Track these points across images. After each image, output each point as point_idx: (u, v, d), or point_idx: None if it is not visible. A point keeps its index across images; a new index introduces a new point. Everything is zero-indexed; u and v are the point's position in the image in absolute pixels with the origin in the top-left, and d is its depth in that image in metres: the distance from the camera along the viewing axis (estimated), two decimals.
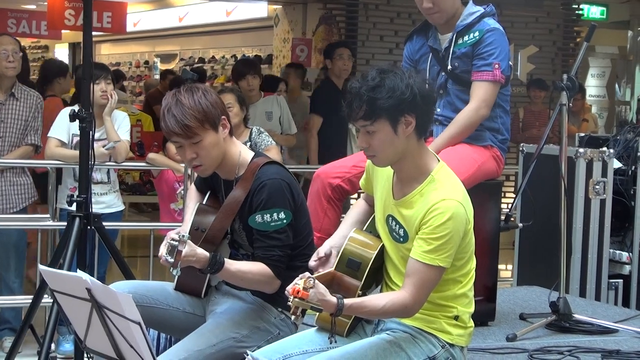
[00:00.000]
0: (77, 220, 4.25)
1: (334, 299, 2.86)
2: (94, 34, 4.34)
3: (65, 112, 5.61)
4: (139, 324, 2.67)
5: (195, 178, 3.80)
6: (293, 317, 2.82)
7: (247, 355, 2.99)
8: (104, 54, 21.04)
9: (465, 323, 3.18)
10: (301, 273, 2.86)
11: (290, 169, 3.55)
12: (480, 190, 4.05)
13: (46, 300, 4.87)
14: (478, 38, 4.14)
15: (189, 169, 5.99)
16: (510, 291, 5.30)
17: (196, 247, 3.17)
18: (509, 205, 4.62)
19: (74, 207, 4.33)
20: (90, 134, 4.29)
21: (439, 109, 4.17)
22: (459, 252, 3.07)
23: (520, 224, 5.03)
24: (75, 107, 4.34)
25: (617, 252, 5.63)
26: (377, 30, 11.33)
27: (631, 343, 4.20)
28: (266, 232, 3.34)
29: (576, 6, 12.26)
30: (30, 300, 4.49)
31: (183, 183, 6.42)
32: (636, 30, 13.87)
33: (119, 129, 5.91)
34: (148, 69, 18.60)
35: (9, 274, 6.04)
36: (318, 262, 3.23)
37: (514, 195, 4.84)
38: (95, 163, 4.36)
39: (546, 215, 4.91)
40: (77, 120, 4.28)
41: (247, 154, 3.48)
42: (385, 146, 3.04)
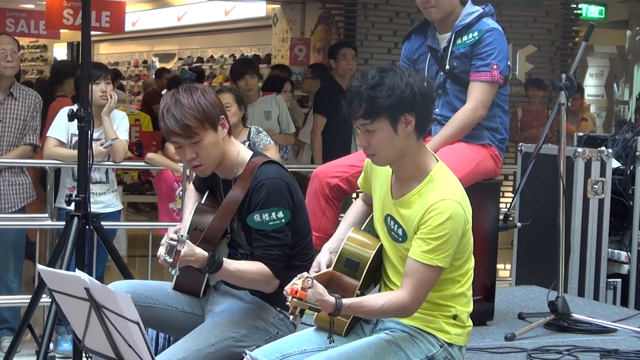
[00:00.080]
0: (76, 219, 4.25)
1: (332, 299, 2.86)
2: (92, 33, 4.33)
3: (64, 112, 5.60)
4: (138, 323, 2.67)
5: (194, 178, 3.80)
6: (292, 317, 2.83)
7: (246, 354, 2.99)
8: (102, 53, 21.03)
9: (463, 322, 3.18)
10: (300, 272, 2.86)
11: (290, 169, 3.55)
12: (478, 189, 4.06)
13: (45, 299, 4.87)
14: (477, 38, 4.14)
15: (187, 169, 5.99)
16: (508, 291, 5.30)
17: (195, 247, 3.16)
18: (508, 205, 4.63)
19: (72, 207, 4.33)
20: (89, 134, 4.29)
21: (437, 109, 4.16)
22: (458, 252, 3.06)
23: (519, 224, 5.03)
24: (74, 107, 4.32)
25: (616, 252, 5.63)
26: (376, 30, 11.34)
27: (630, 342, 4.21)
28: (265, 232, 3.34)
29: (575, 6, 12.26)
30: (28, 300, 4.48)
31: (182, 183, 6.42)
32: (634, 30, 13.87)
33: (117, 128, 5.90)
34: (146, 69, 18.58)
35: (7, 273, 6.03)
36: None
37: (513, 195, 4.84)
38: (93, 162, 4.36)
39: (545, 215, 4.90)
40: (76, 120, 4.28)
41: (246, 154, 3.48)
42: (384, 145, 3.04)
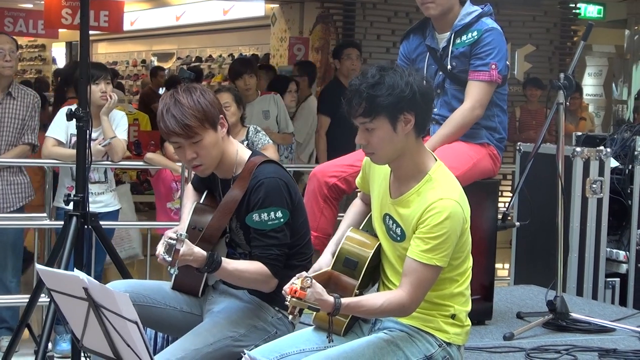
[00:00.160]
0: (74, 219, 4.25)
1: (331, 299, 2.86)
2: (91, 32, 4.34)
3: (64, 112, 5.61)
4: (136, 323, 2.66)
5: (193, 177, 3.80)
6: (290, 317, 2.83)
7: (245, 354, 2.98)
8: (100, 52, 21.02)
9: (462, 322, 3.18)
10: (298, 272, 2.86)
11: (289, 168, 3.55)
12: (477, 189, 4.05)
13: (43, 299, 4.87)
14: (476, 38, 4.14)
15: (186, 169, 5.99)
16: (507, 290, 5.30)
17: (193, 246, 3.16)
18: (506, 204, 4.63)
19: (71, 206, 4.33)
20: (87, 133, 4.29)
21: (435, 109, 4.16)
22: (456, 251, 3.06)
23: (518, 223, 5.02)
24: (73, 107, 4.32)
25: (614, 251, 5.62)
26: (375, 30, 11.34)
27: (628, 342, 4.21)
28: (263, 231, 3.34)
29: (573, 5, 12.27)
30: (27, 300, 4.48)
31: (180, 182, 6.42)
32: (633, 29, 13.88)
33: (116, 128, 5.89)
34: (145, 68, 18.57)
35: (6, 273, 6.03)
36: None
37: (511, 194, 4.83)
38: (92, 162, 4.36)
39: (543, 214, 4.90)
40: (74, 120, 4.28)
41: (244, 153, 3.48)
42: (384, 143, 3.03)
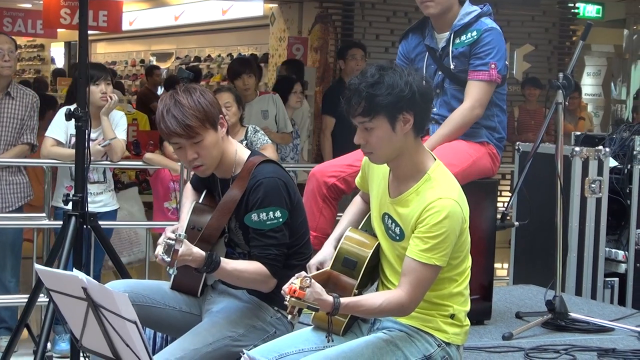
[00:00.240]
0: (73, 219, 4.24)
1: (330, 298, 2.86)
2: (89, 32, 4.34)
3: (63, 112, 5.61)
4: (135, 323, 2.66)
5: (192, 177, 3.80)
6: (289, 317, 2.83)
7: (244, 354, 2.99)
8: (99, 52, 21.03)
9: (461, 322, 3.18)
10: (297, 272, 2.86)
11: (289, 168, 3.54)
12: (476, 189, 4.05)
13: (42, 299, 4.86)
14: (476, 38, 4.14)
15: (185, 169, 5.98)
16: (506, 290, 5.30)
17: (192, 246, 3.16)
18: (505, 204, 4.62)
19: (69, 206, 4.33)
20: (86, 133, 4.29)
21: (435, 108, 4.16)
22: (455, 251, 3.06)
23: (516, 223, 5.02)
24: (72, 107, 4.32)
25: (613, 251, 5.62)
26: (373, 29, 11.34)
27: (627, 341, 4.21)
28: (262, 231, 3.34)
29: (572, 5, 12.27)
30: (26, 300, 4.48)
31: (178, 182, 6.41)
32: (632, 29, 13.89)
33: (115, 128, 5.89)
34: (144, 68, 18.57)
35: (5, 273, 6.03)
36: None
37: (510, 194, 4.83)
38: (91, 162, 4.36)
39: (542, 214, 4.90)
40: (73, 120, 4.28)
41: (244, 153, 3.47)
42: (382, 143, 3.03)
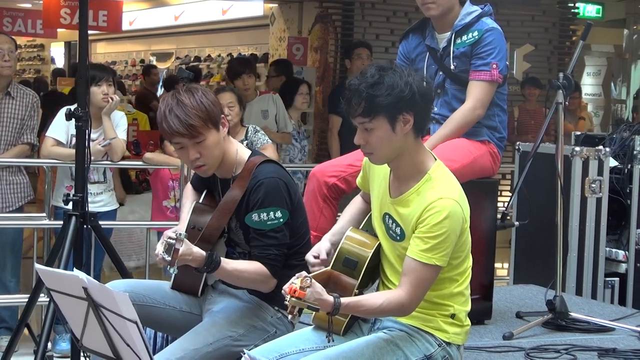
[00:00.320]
0: (74, 219, 4.25)
1: (330, 298, 2.86)
2: (89, 32, 4.34)
3: (63, 112, 5.61)
4: (136, 322, 2.66)
5: (192, 177, 3.80)
6: (290, 316, 2.82)
7: (244, 353, 2.98)
8: (99, 52, 21.03)
9: (461, 321, 3.18)
10: (298, 271, 2.86)
11: (289, 168, 3.54)
12: (476, 188, 4.05)
13: (43, 299, 4.86)
14: (477, 38, 4.15)
15: (185, 168, 5.98)
16: (506, 289, 5.30)
17: (192, 246, 3.16)
18: (505, 204, 4.62)
19: (70, 206, 4.33)
20: (87, 133, 4.29)
21: (435, 108, 4.16)
22: (456, 251, 3.06)
23: (517, 223, 5.02)
24: (72, 107, 4.32)
25: (614, 251, 5.62)
26: (373, 29, 11.33)
27: (627, 341, 4.21)
28: (263, 231, 3.34)
29: (572, 5, 12.26)
30: (26, 299, 4.48)
31: (178, 181, 6.41)
32: (632, 29, 13.89)
33: (116, 128, 5.89)
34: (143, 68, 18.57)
35: (5, 273, 6.03)
36: (319, 261, 3.21)
37: (510, 194, 4.83)
38: (91, 162, 4.36)
39: (542, 214, 4.90)
40: (73, 119, 4.28)
41: (244, 153, 3.48)
42: (382, 143, 3.03)
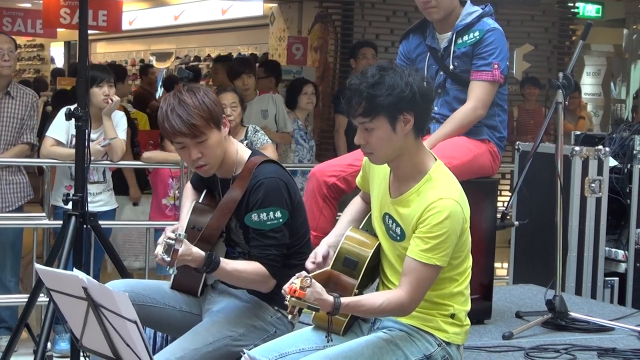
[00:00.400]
0: (73, 219, 4.24)
1: (330, 298, 2.86)
2: (89, 32, 4.34)
3: (63, 112, 5.61)
4: (136, 322, 2.66)
5: (192, 176, 3.80)
6: (290, 316, 2.82)
7: (244, 353, 2.99)
8: (99, 52, 21.03)
9: (461, 321, 3.18)
10: (298, 271, 2.86)
11: (289, 168, 3.54)
12: (476, 188, 4.05)
13: (42, 299, 4.86)
14: (478, 38, 4.15)
15: (184, 167, 5.98)
16: (506, 289, 5.30)
17: (192, 247, 3.16)
18: (505, 204, 4.62)
19: (69, 206, 4.33)
20: (86, 133, 4.29)
21: (436, 108, 4.16)
22: (456, 251, 3.06)
23: (516, 222, 5.02)
24: (72, 106, 4.32)
25: (613, 250, 5.62)
26: (373, 29, 11.32)
27: (627, 341, 4.21)
28: (262, 231, 3.34)
29: (572, 4, 12.25)
30: (26, 299, 4.48)
31: (177, 179, 6.41)
32: (631, 29, 13.90)
33: (116, 128, 5.90)
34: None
35: (5, 273, 6.03)
36: (316, 266, 3.22)
37: (510, 194, 4.83)
38: (91, 162, 4.36)
39: (542, 214, 4.90)
40: (73, 119, 4.28)
41: (244, 153, 3.48)
42: (382, 143, 3.03)
